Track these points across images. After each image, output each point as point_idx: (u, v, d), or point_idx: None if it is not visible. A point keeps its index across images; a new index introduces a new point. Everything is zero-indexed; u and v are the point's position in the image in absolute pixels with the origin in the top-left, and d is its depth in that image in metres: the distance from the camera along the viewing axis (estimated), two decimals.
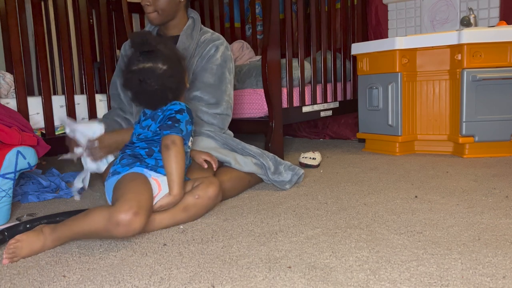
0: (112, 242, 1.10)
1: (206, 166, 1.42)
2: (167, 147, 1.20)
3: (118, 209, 1.02)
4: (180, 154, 1.20)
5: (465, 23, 2.29)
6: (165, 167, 1.21)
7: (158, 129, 1.26)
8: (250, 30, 3.29)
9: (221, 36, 1.74)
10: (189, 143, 1.34)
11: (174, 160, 1.19)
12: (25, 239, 1.01)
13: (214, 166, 1.44)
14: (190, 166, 1.46)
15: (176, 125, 1.22)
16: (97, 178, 1.70)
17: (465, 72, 2.03)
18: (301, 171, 1.63)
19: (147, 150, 1.25)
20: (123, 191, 1.11)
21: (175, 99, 1.30)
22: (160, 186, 1.19)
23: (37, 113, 1.82)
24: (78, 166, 2.12)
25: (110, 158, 1.48)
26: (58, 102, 1.89)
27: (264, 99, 2.14)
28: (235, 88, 2.36)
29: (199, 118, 1.63)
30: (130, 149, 1.27)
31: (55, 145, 1.74)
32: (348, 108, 2.71)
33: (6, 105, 1.67)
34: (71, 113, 1.91)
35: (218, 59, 1.68)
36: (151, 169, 1.21)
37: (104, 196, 1.58)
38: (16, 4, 1.76)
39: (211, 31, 1.75)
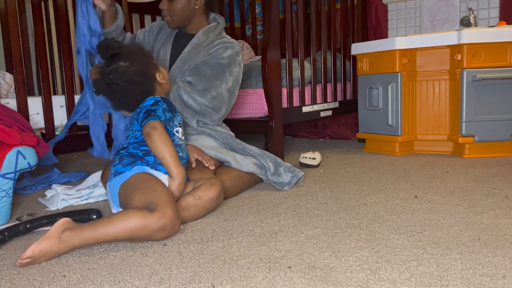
0: (112, 242, 1.10)
1: (194, 165, 1.45)
2: (148, 135, 1.20)
3: (164, 215, 1.04)
4: (163, 135, 1.21)
5: (465, 23, 2.29)
6: (155, 153, 1.21)
7: (140, 127, 1.27)
8: (250, 30, 3.29)
9: (236, 42, 1.74)
10: (180, 135, 1.34)
11: (159, 144, 1.20)
12: (37, 253, 0.95)
13: (206, 164, 1.45)
14: (190, 166, 1.47)
15: (152, 113, 1.23)
16: None
17: (465, 72, 2.03)
18: (301, 173, 1.63)
19: (143, 151, 1.25)
20: (155, 195, 1.10)
21: (146, 94, 1.31)
22: None
23: (37, 113, 1.82)
24: (78, 166, 2.12)
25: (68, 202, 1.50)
26: (58, 102, 1.89)
27: (264, 99, 2.14)
28: None
29: (184, 101, 1.61)
30: (125, 150, 1.28)
31: (55, 145, 1.74)
32: (348, 108, 2.71)
33: (6, 105, 1.67)
34: (71, 113, 1.90)
35: (223, 58, 1.67)
36: (151, 167, 1.21)
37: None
38: (16, 4, 1.76)
39: (229, 37, 1.75)
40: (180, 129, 1.35)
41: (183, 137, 1.36)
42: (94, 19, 1.55)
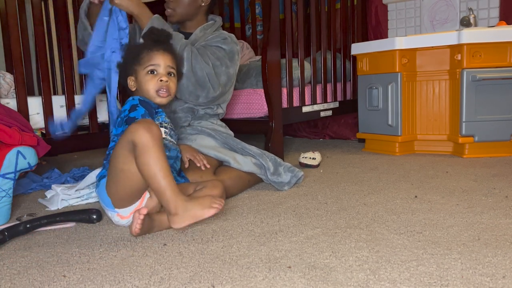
0: (112, 242, 1.10)
1: (187, 165, 1.45)
2: None
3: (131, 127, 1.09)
4: None
5: (465, 23, 2.29)
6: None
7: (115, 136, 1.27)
8: (250, 30, 3.29)
9: (233, 35, 1.78)
10: (163, 134, 1.32)
11: None
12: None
13: (198, 164, 1.45)
14: (189, 167, 1.47)
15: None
16: None
17: (465, 72, 2.03)
18: (301, 173, 1.63)
19: None
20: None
21: (122, 81, 1.37)
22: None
23: (37, 113, 1.82)
24: (78, 166, 2.12)
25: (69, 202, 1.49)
26: (58, 102, 1.89)
27: (264, 99, 2.14)
28: (235, 88, 2.36)
29: (192, 64, 1.58)
30: (107, 161, 1.27)
31: (55, 145, 1.74)
32: (348, 108, 2.71)
33: (6, 105, 1.67)
34: (71, 113, 1.90)
35: (224, 44, 1.69)
36: None
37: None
38: (16, 4, 1.76)
39: (226, 32, 1.78)
40: (162, 129, 1.32)
41: (168, 136, 1.34)
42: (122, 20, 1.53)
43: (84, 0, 1.60)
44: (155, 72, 1.30)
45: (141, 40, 1.41)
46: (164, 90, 1.31)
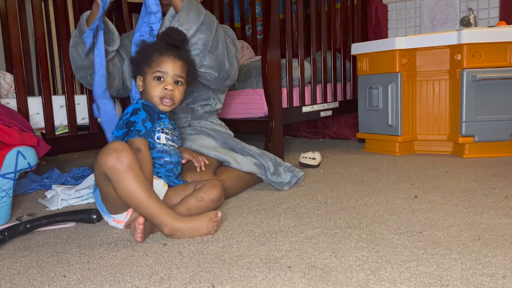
0: (112, 242, 1.10)
1: (184, 161, 1.45)
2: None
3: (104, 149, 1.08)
4: (145, 159, 1.19)
5: (465, 23, 2.30)
6: None
7: (116, 138, 1.27)
8: (250, 30, 3.29)
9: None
10: (164, 141, 1.32)
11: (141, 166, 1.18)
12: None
13: (196, 163, 1.45)
14: (189, 167, 1.47)
15: (132, 128, 1.21)
16: None
17: (465, 72, 2.03)
18: (301, 173, 1.63)
19: None
20: None
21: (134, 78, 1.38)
22: None
23: (37, 113, 1.82)
24: (78, 166, 2.12)
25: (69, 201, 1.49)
26: (58, 102, 1.89)
27: (264, 99, 2.14)
28: (235, 88, 2.36)
29: (227, 47, 1.58)
30: None
31: (55, 145, 1.74)
32: (348, 108, 2.71)
33: (6, 105, 1.67)
34: (71, 113, 1.91)
35: (229, 34, 1.71)
36: None
37: None
38: (16, 4, 1.76)
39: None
40: (163, 135, 1.32)
41: (168, 142, 1.34)
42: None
43: (83, 14, 1.50)
44: (162, 79, 1.30)
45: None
46: (168, 99, 1.31)
